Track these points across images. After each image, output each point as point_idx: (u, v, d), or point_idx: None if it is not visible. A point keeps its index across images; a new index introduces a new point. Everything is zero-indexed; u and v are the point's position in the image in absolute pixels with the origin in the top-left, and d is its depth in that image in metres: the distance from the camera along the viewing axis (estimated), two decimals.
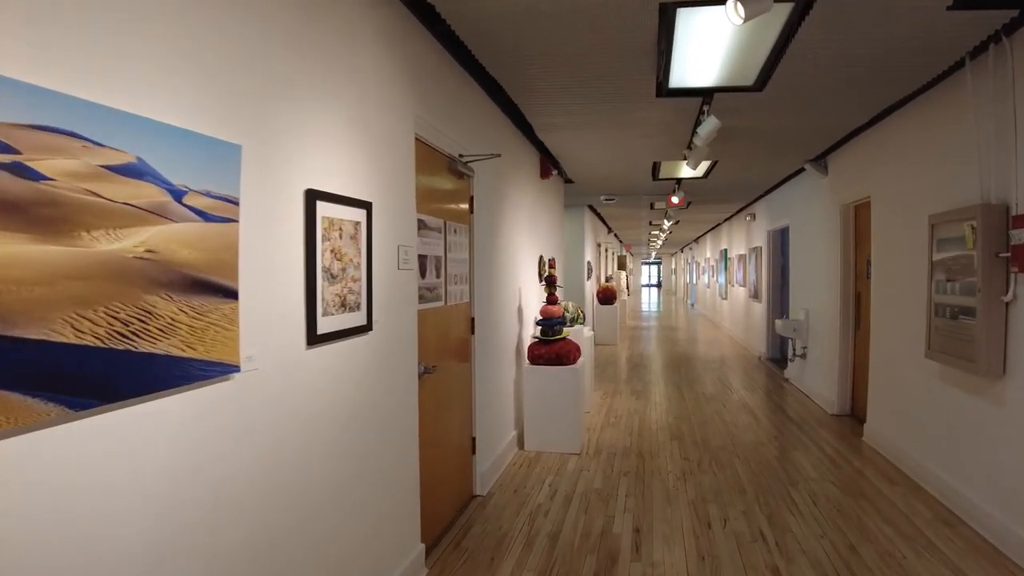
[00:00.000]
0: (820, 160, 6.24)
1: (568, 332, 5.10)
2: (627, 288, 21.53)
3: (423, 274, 2.97)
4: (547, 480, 4.22)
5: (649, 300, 30.87)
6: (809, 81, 3.83)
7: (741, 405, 6.52)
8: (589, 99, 4.23)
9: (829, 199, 6.17)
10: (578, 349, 5.03)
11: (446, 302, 3.32)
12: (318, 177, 2.04)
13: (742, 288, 12.12)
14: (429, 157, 3.12)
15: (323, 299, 2.03)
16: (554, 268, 5.42)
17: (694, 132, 4.45)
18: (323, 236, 2.03)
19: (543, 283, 5.59)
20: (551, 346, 4.86)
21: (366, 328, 2.31)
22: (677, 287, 34.89)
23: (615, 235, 18.45)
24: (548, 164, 6.13)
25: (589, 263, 11.50)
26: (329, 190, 2.09)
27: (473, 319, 3.83)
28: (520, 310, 5.14)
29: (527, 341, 5.32)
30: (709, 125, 4.08)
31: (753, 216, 10.61)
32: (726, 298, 14.64)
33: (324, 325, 2.04)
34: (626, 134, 5.23)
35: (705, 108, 4.19)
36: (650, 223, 14.95)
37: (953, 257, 3.53)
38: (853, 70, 3.65)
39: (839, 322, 5.87)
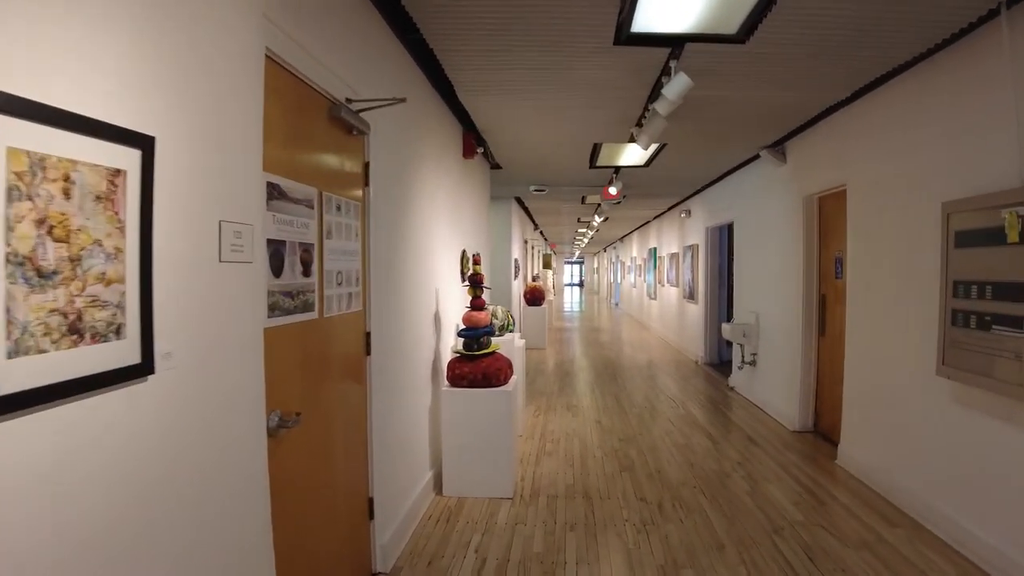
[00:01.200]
0: (778, 146, 5.56)
1: (498, 345, 4.12)
2: (553, 288, 20.86)
3: (278, 271, 1.90)
4: (472, 541, 3.23)
5: (572, 300, 30.43)
6: (803, 34, 3.04)
7: (691, 422, 5.76)
8: (528, 43, 3.26)
9: (788, 190, 5.50)
10: (510, 366, 4.07)
11: (322, 313, 2.24)
12: (9, 68, 0.96)
13: (674, 288, 11.58)
14: (294, 92, 2.07)
15: (13, 321, 0.96)
16: (480, 265, 4.42)
17: (656, 96, 3.58)
18: (13, 190, 0.97)
19: (467, 283, 4.60)
20: (477, 363, 3.87)
21: (140, 369, 1.24)
22: (600, 286, 34.70)
23: (541, 232, 17.68)
24: (473, 141, 5.14)
25: (516, 261, 10.59)
26: (36, 97, 1.02)
27: (369, 334, 2.76)
28: (437, 317, 4.12)
29: (447, 356, 4.31)
30: (679, 84, 3.22)
31: (688, 212, 10.02)
32: (655, 298, 14.13)
33: (19, 375, 0.97)
34: (568, 102, 4.31)
35: (672, 64, 3.34)
36: (579, 220, 14.22)
37: (983, 253, 2.82)
38: (861, 19, 2.88)
39: (800, 328, 5.21)
